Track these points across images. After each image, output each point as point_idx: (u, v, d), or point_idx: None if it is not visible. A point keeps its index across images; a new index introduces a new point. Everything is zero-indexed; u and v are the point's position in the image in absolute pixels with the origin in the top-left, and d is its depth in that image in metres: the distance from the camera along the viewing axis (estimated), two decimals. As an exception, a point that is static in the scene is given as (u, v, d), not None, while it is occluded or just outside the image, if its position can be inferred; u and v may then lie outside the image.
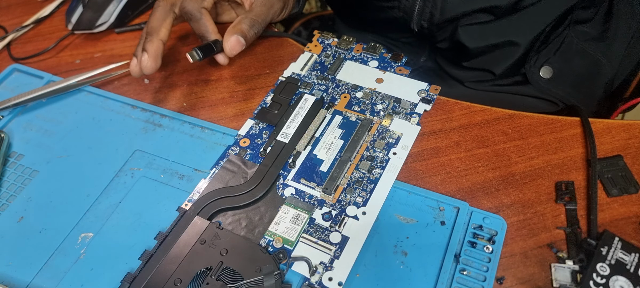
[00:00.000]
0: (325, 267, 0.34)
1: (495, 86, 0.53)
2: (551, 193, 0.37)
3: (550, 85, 0.51)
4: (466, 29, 0.50)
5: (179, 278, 0.34)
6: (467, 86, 0.54)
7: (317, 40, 0.51)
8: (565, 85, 0.51)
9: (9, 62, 0.55)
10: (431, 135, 0.42)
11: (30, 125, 0.48)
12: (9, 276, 0.37)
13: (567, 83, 0.51)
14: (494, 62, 0.51)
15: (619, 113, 0.55)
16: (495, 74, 0.52)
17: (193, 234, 0.36)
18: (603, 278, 0.31)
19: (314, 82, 0.47)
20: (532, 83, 0.51)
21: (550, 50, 0.50)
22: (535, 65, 0.50)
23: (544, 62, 0.50)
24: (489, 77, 0.53)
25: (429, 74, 0.58)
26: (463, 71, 0.54)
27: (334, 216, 0.37)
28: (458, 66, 0.54)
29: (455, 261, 0.34)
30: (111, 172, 0.42)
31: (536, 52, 0.50)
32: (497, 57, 0.51)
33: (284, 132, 0.42)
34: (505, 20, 0.49)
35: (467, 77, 0.54)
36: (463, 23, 0.50)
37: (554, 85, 0.51)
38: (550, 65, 0.50)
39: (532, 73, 0.51)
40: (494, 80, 0.53)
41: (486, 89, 0.54)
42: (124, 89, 0.50)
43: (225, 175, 0.40)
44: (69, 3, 0.59)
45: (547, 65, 0.50)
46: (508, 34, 0.49)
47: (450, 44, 0.53)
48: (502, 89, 0.54)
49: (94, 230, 0.39)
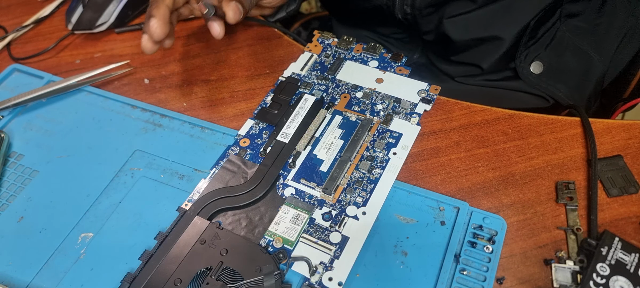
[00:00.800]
0: (325, 267, 0.34)
1: (484, 81, 0.54)
2: (551, 193, 0.37)
3: (540, 80, 0.51)
4: (451, 21, 0.51)
5: (179, 278, 0.34)
6: (458, 81, 0.55)
7: (317, 40, 0.51)
8: (555, 81, 0.51)
9: (9, 62, 0.55)
10: (431, 135, 0.42)
11: (30, 125, 0.48)
12: (9, 276, 0.37)
13: (558, 78, 0.51)
14: (480, 57, 0.52)
15: (619, 113, 0.55)
16: (483, 69, 0.52)
17: (193, 234, 0.36)
18: (603, 278, 0.31)
19: (314, 82, 0.47)
20: (523, 78, 0.51)
21: (541, 45, 0.50)
22: (526, 60, 0.51)
23: (535, 57, 0.50)
24: (476, 72, 0.53)
25: (421, 69, 0.59)
26: (452, 66, 0.54)
27: (334, 216, 0.37)
28: (447, 61, 0.55)
29: (455, 261, 0.34)
30: (111, 172, 0.42)
31: (525, 47, 0.50)
32: (483, 52, 0.51)
33: (284, 132, 0.42)
34: (488, 11, 0.49)
35: (457, 72, 0.55)
36: (447, 14, 0.51)
37: (544, 81, 0.51)
38: (541, 60, 0.50)
39: (523, 68, 0.51)
40: (482, 75, 0.53)
41: (476, 83, 0.54)
42: (124, 89, 0.50)
43: (225, 175, 0.40)
44: (69, 3, 0.59)
45: (537, 60, 0.50)
46: (492, 27, 0.50)
47: (436, 37, 0.54)
48: (492, 83, 0.54)
49: (94, 230, 0.39)
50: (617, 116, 0.55)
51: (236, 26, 0.55)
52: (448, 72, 0.55)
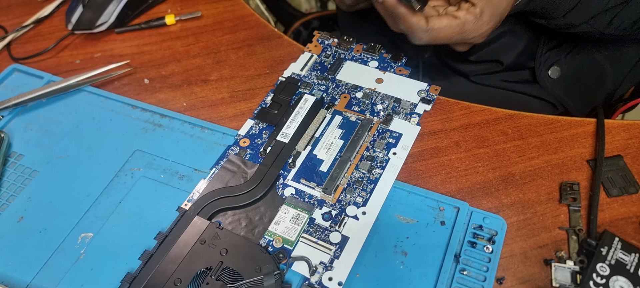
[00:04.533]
0: (325, 266, 0.34)
1: (501, 82, 0.54)
2: (551, 193, 0.37)
3: (555, 85, 0.51)
4: None
5: (179, 278, 0.34)
6: (473, 81, 0.54)
7: (317, 40, 0.51)
8: (568, 89, 0.52)
9: (9, 62, 0.55)
10: (431, 135, 0.42)
11: (30, 125, 0.48)
12: (9, 276, 0.37)
13: (571, 87, 0.52)
14: (501, 52, 0.51)
15: (619, 113, 0.55)
16: (503, 64, 0.52)
17: (193, 234, 0.36)
18: (603, 278, 0.31)
19: (313, 82, 0.47)
20: (539, 81, 0.51)
21: (563, 50, 0.51)
22: (545, 63, 0.51)
23: (554, 62, 0.51)
24: (496, 68, 0.52)
25: (432, 70, 0.58)
26: (469, 64, 0.54)
27: (333, 216, 0.37)
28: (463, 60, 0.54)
29: (455, 261, 0.34)
30: (111, 172, 0.42)
31: (547, 49, 0.50)
32: (504, 46, 0.51)
33: (284, 132, 0.42)
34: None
35: (474, 71, 0.54)
36: None
37: (558, 87, 0.51)
38: (559, 65, 0.51)
39: (541, 71, 0.51)
40: (500, 74, 0.53)
41: (491, 83, 0.54)
42: (124, 89, 0.50)
43: (225, 175, 0.40)
44: (69, 3, 0.59)
45: (556, 65, 0.51)
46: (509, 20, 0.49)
47: None
48: (507, 85, 0.54)
49: (94, 230, 0.39)
50: (617, 116, 0.55)
51: (236, 26, 0.55)
52: (464, 71, 0.55)
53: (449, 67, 0.56)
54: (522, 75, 0.53)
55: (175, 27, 0.57)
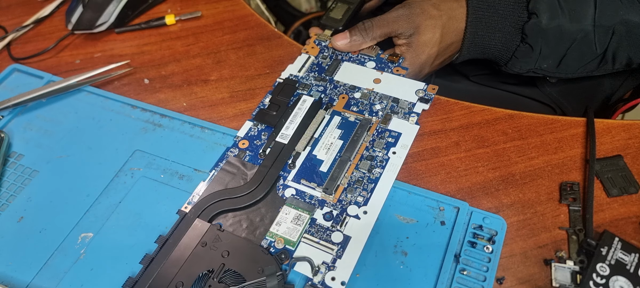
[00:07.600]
0: (327, 266, 0.34)
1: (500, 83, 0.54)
2: (551, 193, 0.37)
3: (552, 88, 0.52)
4: None
5: (181, 281, 0.34)
6: (472, 80, 0.54)
7: (314, 42, 0.51)
8: (566, 92, 0.52)
9: (9, 62, 0.55)
10: (431, 135, 0.42)
11: (30, 125, 0.48)
12: (9, 276, 0.37)
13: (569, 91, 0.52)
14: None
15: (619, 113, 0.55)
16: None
17: (194, 237, 0.36)
18: (603, 278, 0.31)
19: (311, 83, 0.47)
20: (537, 84, 0.52)
21: None
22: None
23: None
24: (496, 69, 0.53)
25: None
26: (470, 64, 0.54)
27: (335, 216, 0.37)
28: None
29: (455, 261, 0.34)
30: (111, 172, 0.42)
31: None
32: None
33: (283, 133, 0.42)
34: None
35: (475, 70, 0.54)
36: None
37: (555, 90, 0.52)
38: None
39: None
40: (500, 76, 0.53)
41: (489, 84, 0.54)
42: (124, 89, 0.50)
43: (224, 177, 0.40)
44: (69, 3, 0.59)
45: None
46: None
47: None
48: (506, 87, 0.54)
49: (94, 230, 0.39)
50: (617, 116, 0.55)
51: (236, 26, 0.55)
52: (463, 70, 0.55)
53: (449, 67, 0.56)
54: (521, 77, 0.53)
55: (175, 27, 0.57)
